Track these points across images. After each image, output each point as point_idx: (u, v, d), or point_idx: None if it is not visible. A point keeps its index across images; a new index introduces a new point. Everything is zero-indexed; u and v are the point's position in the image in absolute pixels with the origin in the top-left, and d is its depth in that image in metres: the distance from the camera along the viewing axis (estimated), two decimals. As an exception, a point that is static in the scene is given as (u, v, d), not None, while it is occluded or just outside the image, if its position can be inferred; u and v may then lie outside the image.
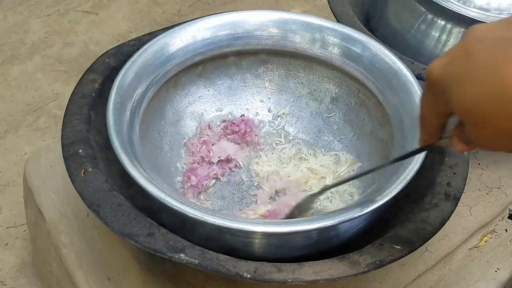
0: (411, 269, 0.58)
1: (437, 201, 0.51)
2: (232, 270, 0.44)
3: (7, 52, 1.38)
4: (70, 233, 0.60)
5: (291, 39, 0.65)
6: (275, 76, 0.69)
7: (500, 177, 0.68)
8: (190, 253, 0.44)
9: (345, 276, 0.45)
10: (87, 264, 0.58)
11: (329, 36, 0.64)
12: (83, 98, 0.56)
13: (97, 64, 0.60)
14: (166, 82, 0.62)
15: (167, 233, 0.46)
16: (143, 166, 0.49)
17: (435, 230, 0.49)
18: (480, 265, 0.59)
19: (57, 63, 1.36)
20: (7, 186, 1.08)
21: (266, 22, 0.64)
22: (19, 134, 1.19)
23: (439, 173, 0.54)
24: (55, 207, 0.63)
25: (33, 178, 0.66)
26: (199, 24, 0.63)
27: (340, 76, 0.65)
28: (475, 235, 0.62)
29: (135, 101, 0.56)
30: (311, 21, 0.64)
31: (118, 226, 0.46)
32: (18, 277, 0.94)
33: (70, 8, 1.52)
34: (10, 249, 0.98)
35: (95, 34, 1.45)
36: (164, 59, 0.60)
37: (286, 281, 0.44)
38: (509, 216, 0.64)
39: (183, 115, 0.66)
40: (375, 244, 0.47)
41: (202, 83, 0.67)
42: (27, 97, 1.27)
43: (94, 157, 0.51)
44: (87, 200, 0.47)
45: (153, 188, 0.46)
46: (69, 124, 0.54)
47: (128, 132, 0.52)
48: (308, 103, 0.69)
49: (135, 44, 0.62)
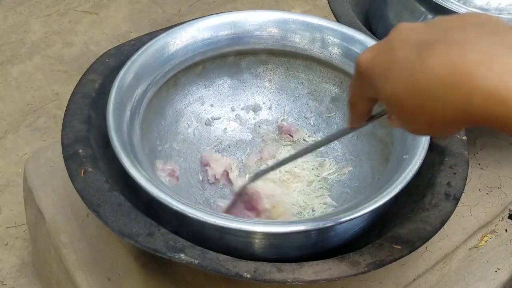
0: (411, 269, 0.58)
1: (437, 201, 0.51)
2: (232, 270, 0.44)
3: (7, 52, 1.38)
4: (70, 233, 0.60)
5: (291, 39, 0.65)
6: (275, 76, 0.69)
7: (500, 177, 0.68)
8: (190, 253, 0.44)
9: (345, 276, 0.45)
10: (87, 264, 0.58)
11: (329, 36, 0.64)
12: (83, 98, 0.56)
13: (97, 64, 0.60)
14: (166, 82, 0.62)
15: (167, 233, 0.46)
16: (143, 166, 0.49)
17: (435, 230, 0.49)
18: (480, 265, 0.59)
19: (57, 63, 1.36)
20: (7, 186, 1.08)
21: (266, 22, 0.64)
22: (19, 134, 1.19)
23: (439, 173, 0.54)
24: (55, 207, 0.63)
25: (33, 178, 0.66)
26: (199, 24, 0.63)
27: (340, 76, 0.65)
28: (475, 235, 0.62)
29: (135, 101, 0.56)
30: (311, 21, 0.64)
31: (118, 226, 0.46)
32: (18, 277, 0.94)
33: (70, 8, 1.52)
34: (10, 249, 0.98)
35: (95, 34, 1.45)
36: (164, 59, 0.60)
37: (286, 281, 0.44)
38: (509, 216, 0.64)
39: (183, 115, 0.66)
40: (375, 244, 0.47)
41: (202, 83, 0.67)
42: (27, 97, 1.27)
43: (94, 157, 0.51)
44: (87, 200, 0.47)
45: (153, 188, 0.46)
46: (69, 124, 0.54)
47: (128, 132, 0.52)
48: (308, 103, 0.69)
49: (135, 44, 0.62)
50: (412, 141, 0.53)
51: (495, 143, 0.72)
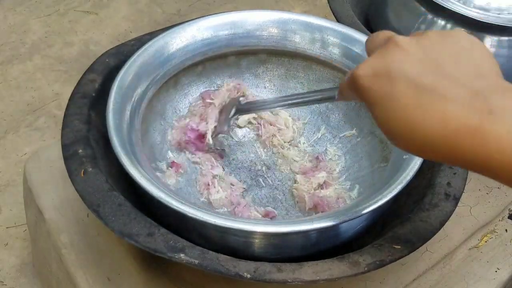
0: (411, 269, 0.58)
1: (437, 201, 0.51)
2: (232, 270, 0.44)
3: (7, 52, 1.38)
4: (70, 233, 0.60)
5: (291, 39, 0.65)
6: (275, 76, 0.69)
7: (500, 177, 0.68)
8: (190, 253, 0.44)
9: (345, 276, 0.45)
10: (87, 264, 0.58)
11: (329, 36, 0.64)
12: (83, 98, 0.56)
13: (97, 64, 0.60)
14: (166, 82, 0.62)
15: (167, 233, 0.46)
16: (143, 166, 0.49)
17: (435, 230, 0.49)
18: (480, 265, 0.59)
19: (57, 63, 1.36)
20: (7, 186, 1.08)
21: (266, 22, 0.64)
22: (19, 134, 1.19)
23: (439, 173, 0.54)
24: (55, 207, 0.63)
25: (33, 178, 0.65)
26: (199, 24, 0.63)
27: (340, 76, 0.65)
28: (475, 235, 0.62)
29: (135, 101, 0.56)
30: (311, 21, 0.64)
31: (118, 226, 0.46)
32: (18, 277, 0.94)
33: (70, 8, 1.52)
34: (10, 249, 0.98)
35: (95, 34, 1.45)
36: (164, 59, 0.60)
37: (286, 281, 0.44)
38: (509, 216, 0.64)
39: (183, 114, 0.66)
40: (375, 244, 0.47)
41: (202, 83, 0.67)
42: (27, 97, 1.27)
43: (94, 157, 0.51)
44: (87, 200, 0.47)
45: (153, 188, 0.46)
46: (69, 124, 0.54)
47: (128, 132, 0.52)
48: (308, 103, 0.69)
49: (135, 44, 0.62)
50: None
51: (495, 143, 0.72)
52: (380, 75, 0.34)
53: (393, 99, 0.33)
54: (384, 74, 0.34)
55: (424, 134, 0.32)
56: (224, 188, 0.61)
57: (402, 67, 0.33)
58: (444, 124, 0.31)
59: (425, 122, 0.32)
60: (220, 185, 0.61)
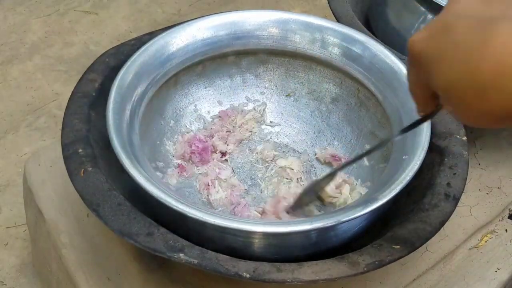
0: (411, 269, 0.58)
1: (437, 201, 0.51)
2: (231, 270, 0.44)
3: (7, 52, 1.38)
4: (70, 233, 0.60)
5: (291, 39, 0.65)
6: (275, 76, 0.69)
7: (500, 177, 0.68)
8: (189, 253, 0.44)
9: (344, 276, 0.45)
10: (87, 264, 0.58)
11: (329, 36, 0.64)
12: (83, 97, 0.56)
13: (97, 64, 0.60)
14: (166, 82, 0.62)
15: (166, 233, 0.46)
16: (143, 166, 0.49)
17: (435, 230, 0.49)
18: (480, 265, 0.59)
19: (57, 63, 1.36)
20: (7, 186, 1.08)
21: (266, 22, 0.64)
22: (19, 134, 1.19)
23: (439, 173, 0.54)
24: (55, 207, 0.63)
25: (33, 178, 0.65)
26: (199, 24, 0.63)
27: (340, 76, 0.65)
28: (475, 235, 0.62)
29: (135, 101, 0.56)
30: (311, 21, 0.64)
31: (118, 225, 0.46)
32: (18, 277, 0.94)
33: (70, 8, 1.52)
34: (10, 249, 0.98)
35: (95, 34, 1.45)
36: (164, 59, 0.60)
37: (285, 281, 0.44)
38: (509, 216, 0.64)
39: (183, 114, 0.66)
40: (375, 244, 0.47)
41: (202, 83, 0.67)
42: (27, 97, 1.27)
43: (93, 156, 0.51)
44: (87, 200, 0.47)
45: (152, 188, 0.46)
46: (69, 123, 0.54)
47: (128, 132, 0.52)
48: (308, 103, 0.69)
49: (135, 44, 0.62)
50: (412, 141, 0.53)
51: (495, 143, 0.72)
52: (437, 31, 0.31)
53: (453, 43, 0.29)
54: (441, 28, 0.31)
55: (492, 73, 0.27)
56: (224, 188, 0.61)
57: (462, 11, 0.30)
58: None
59: (491, 57, 0.27)
60: (220, 185, 0.61)
